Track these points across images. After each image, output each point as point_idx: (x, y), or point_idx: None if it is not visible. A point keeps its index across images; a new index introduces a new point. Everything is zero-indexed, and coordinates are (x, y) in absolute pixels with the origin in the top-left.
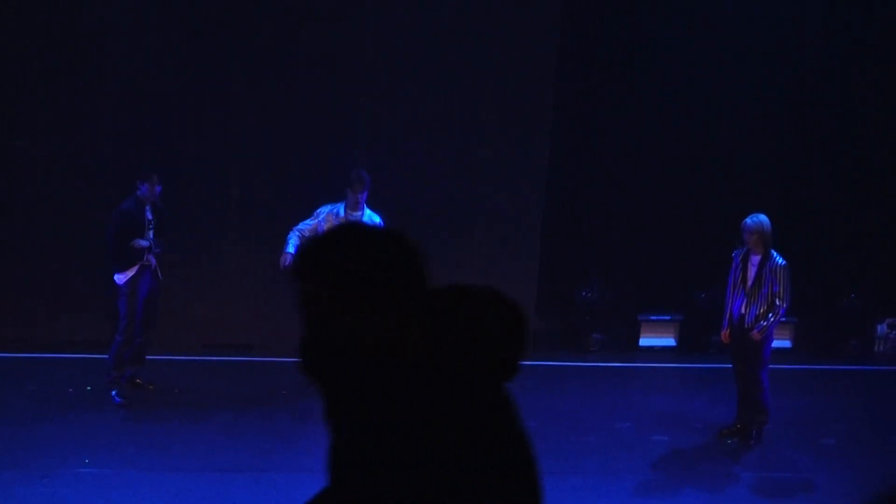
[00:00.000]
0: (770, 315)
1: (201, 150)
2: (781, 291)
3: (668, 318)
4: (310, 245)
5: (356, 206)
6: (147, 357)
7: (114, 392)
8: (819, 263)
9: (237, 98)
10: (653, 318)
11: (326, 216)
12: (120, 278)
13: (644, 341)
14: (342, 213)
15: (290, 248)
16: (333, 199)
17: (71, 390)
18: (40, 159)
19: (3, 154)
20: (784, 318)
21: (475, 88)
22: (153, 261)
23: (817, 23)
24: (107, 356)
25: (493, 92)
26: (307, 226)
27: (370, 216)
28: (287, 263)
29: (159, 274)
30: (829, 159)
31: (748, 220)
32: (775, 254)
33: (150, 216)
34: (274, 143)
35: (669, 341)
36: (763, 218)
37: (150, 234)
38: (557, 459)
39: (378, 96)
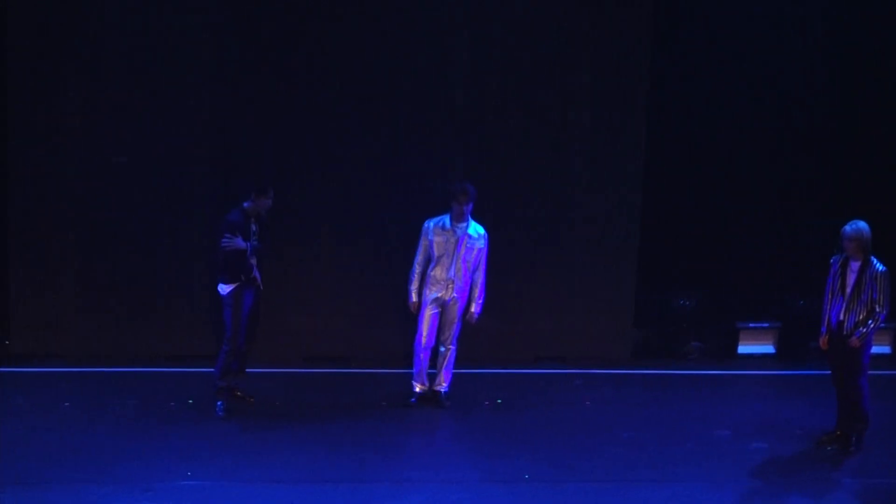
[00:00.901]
0: (869, 321)
1: (300, 162)
2: (881, 298)
3: (767, 325)
4: None
5: (461, 217)
6: (247, 370)
7: (219, 403)
8: None
9: (335, 109)
10: (751, 325)
11: (434, 229)
12: (224, 289)
13: (742, 349)
14: (448, 224)
15: (412, 287)
16: (429, 207)
17: (172, 404)
18: (142, 173)
19: (104, 171)
20: (883, 325)
21: (567, 94)
22: (256, 272)
23: None
24: (213, 368)
25: (587, 97)
26: (418, 252)
27: (475, 227)
28: (411, 301)
29: (260, 285)
30: None
31: (847, 228)
32: (875, 260)
33: (254, 228)
34: (372, 154)
35: (768, 348)
36: (862, 225)
37: (252, 247)
38: (656, 467)
39: (472, 104)
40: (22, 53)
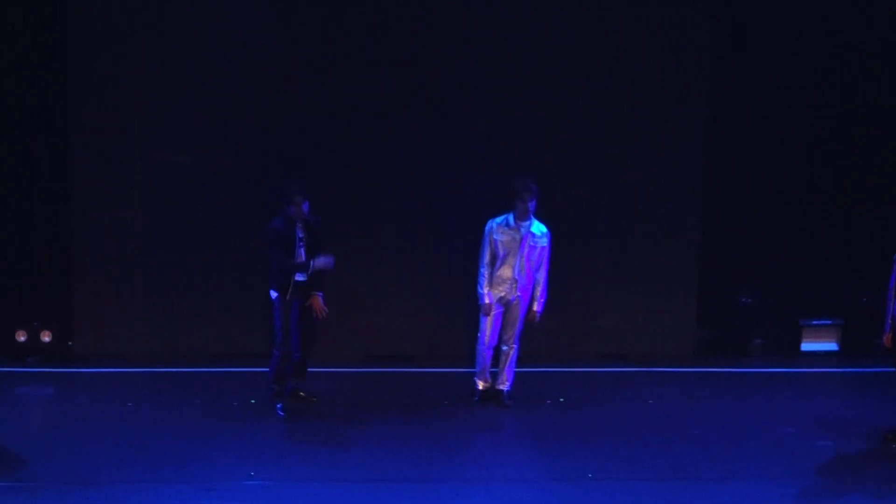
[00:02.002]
0: None
1: (361, 162)
2: None
3: (830, 322)
4: None
5: (525, 216)
6: (309, 369)
7: (278, 405)
8: None
9: (391, 107)
10: (814, 322)
11: (498, 228)
12: (272, 294)
13: (806, 346)
14: (512, 222)
15: (483, 289)
16: (491, 205)
17: (235, 403)
18: (203, 175)
19: (165, 173)
20: None
21: (629, 90)
22: (305, 279)
23: None
24: (267, 370)
25: (647, 93)
26: (485, 253)
27: (538, 226)
28: (484, 303)
29: (316, 293)
30: None
31: None
32: None
33: (300, 234)
34: (431, 149)
35: (832, 346)
36: None
37: (302, 251)
38: (720, 464)
39: (532, 101)
40: (82, 57)
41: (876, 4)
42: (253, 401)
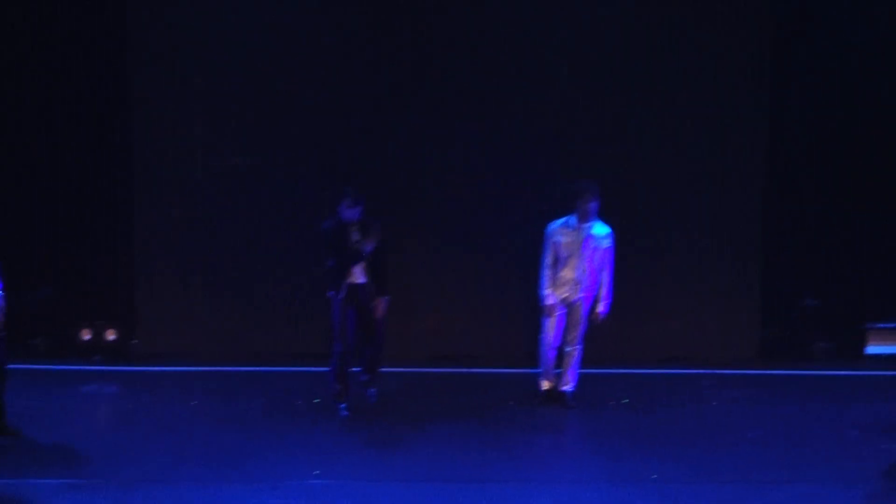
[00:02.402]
0: None
1: (425, 164)
2: None
3: (895, 325)
4: None
5: (586, 217)
6: (380, 370)
7: (341, 405)
8: None
9: (460, 110)
10: (879, 325)
11: (560, 230)
12: (330, 293)
13: (871, 349)
14: (573, 224)
15: (546, 291)
16: (553, 207)
17: (299, 402)
18: (266, 174)
19: (228, 172)
20: None
21: (689, 93)
22: (362, 279)
23: None
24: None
25: (707, 92)
26: (547, 254)
27: (600, 226)
28: (546, 304)
29: (373, 290)
30: None
31: None
32: None
33: (356, 235)
34: (498, 155)
35: None
36: None
37: (355, 254)
38: (784, 467)
39: (594, 104)
40: (145, 58)
41: None
42: (317, 400)
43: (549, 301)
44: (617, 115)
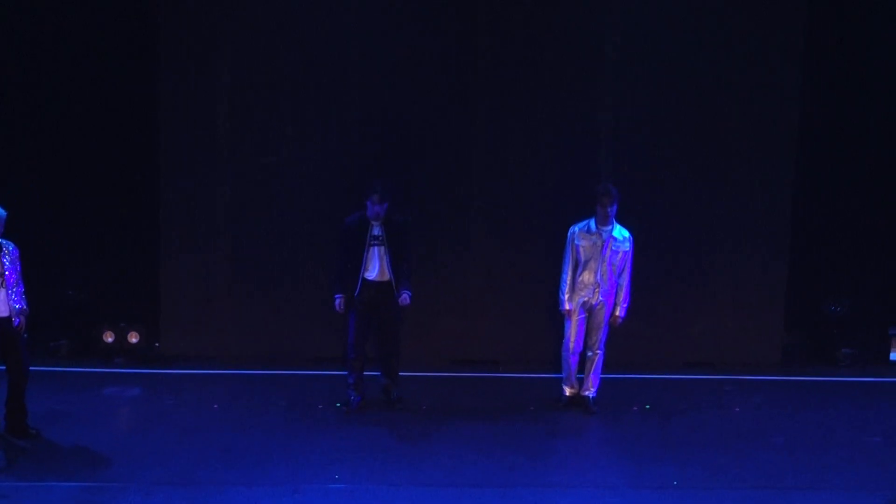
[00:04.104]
0: None
1: (450, 167)
2: None
3: None
4: None
5: (605, 220)
6: (400, 373)
7: (353, 398)
8: None
9: (479, 109)
10: None
11: (580, 233)
12: (336, 294)
13: (895, 355)
14: (593, 227)
15: (564, 295)
16: (576, 210)
17: (320, 406)
18: (290, 176)
19: (253, 174)
20: None
21: (718, 98)
22: (378, 276)
23: None
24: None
25: (737, 101)
26: (568, 258)
27: (620, 230)
28: (564, 308)
29: (395, 290)
30: None
31: None
32: None
33: (377, 232)
34: (516, 152)
35: None
36: None
37: (375, 250)
38: (807, 473)
39: (620, 108)
40: (172, 57)
41: None
42: (338, 404)
43: (567, 306)
44: (642, 121)
